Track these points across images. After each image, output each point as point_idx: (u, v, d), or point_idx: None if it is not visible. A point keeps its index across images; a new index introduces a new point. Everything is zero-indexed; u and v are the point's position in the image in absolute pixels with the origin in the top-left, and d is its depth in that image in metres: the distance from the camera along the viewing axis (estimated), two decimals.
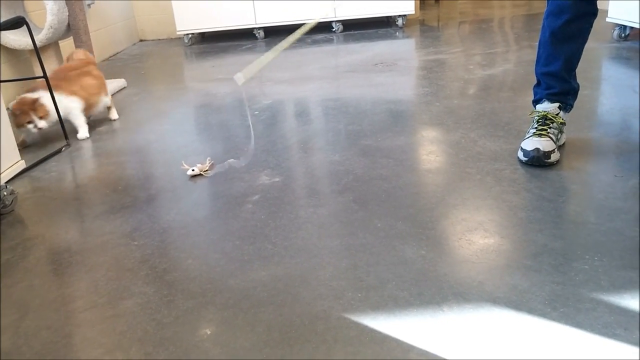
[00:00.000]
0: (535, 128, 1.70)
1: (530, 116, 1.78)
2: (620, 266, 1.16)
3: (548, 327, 1.00)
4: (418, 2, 4.72)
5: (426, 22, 4.61)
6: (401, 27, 4.37)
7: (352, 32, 4.32)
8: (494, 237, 1.31)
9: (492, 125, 2.04)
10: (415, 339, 1.00)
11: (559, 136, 1.71)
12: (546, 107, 1.74)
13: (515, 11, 4.91)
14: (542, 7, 4.60)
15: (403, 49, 3.66)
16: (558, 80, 1.72)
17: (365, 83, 2.81)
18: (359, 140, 2.01)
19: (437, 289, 1.13)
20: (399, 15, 4.34)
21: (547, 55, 1.71)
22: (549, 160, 1.64)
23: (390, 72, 2.99)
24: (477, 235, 1.32)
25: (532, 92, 1.83)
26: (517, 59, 3.08)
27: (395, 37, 4.05)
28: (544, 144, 1.65)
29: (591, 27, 1.66)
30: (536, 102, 1.80)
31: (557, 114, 1.72)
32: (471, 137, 1.95)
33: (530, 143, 1.66)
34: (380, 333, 1.02)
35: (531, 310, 1.05)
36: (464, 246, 1.28)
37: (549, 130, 1.68)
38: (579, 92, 1.79)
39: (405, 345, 0.99)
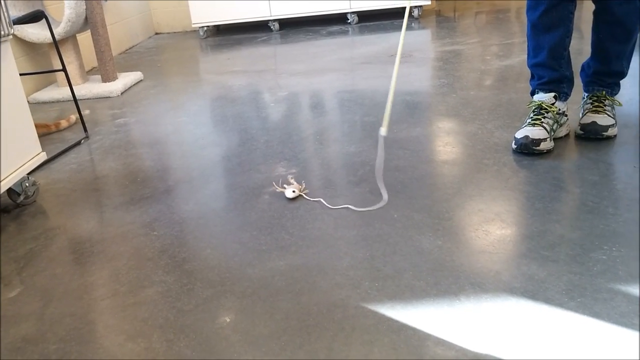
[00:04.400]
0: (531, 118, 1.73)
1: (529, 107, 1.79)
2: (637, 256, 1.15)
3: (565, 317, 1.00)
4: None
5: (442, 13, 4.58)
6: (417, 18, 4.34)
7: (367, 24, 4.31)
8: (511, 228, 1.31)
9: (509, 116, 2.03)
10: (432, 328, 1.01)
11: (554, 126, 1.73)
12: (541, 97, 1.76)
13: None
14: None
15: (419, 40, 3.64)
16: (546, 69, 1.74)
17: (380, 74, 2.81)
18: (375, 131, 2.01)
19: (453, 278, 1.14)
20: (415, 6, 4.31)
21: (533, 48, 1.75)
22: (538, 148, 1.66)
23: (406, 64, 2.98)
24: (494, 225, 1.32)
25: None
26: None
27: (411, 28, 4.03)
28: (535, 132, 1.68)
29: (572, 14, 1.67)
30: (532, 94, 1.83)
31: (552, 104, 1.73)
32: (488, 128, 1.94)
33: (522, 132, 1.70)
34: (397, 322, 1.03)
35: (548, 300, 1.05)
36: (481, 237, 1.28)
37: (543, 119, 1.70)
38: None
39: (422, 334, 1.00)
